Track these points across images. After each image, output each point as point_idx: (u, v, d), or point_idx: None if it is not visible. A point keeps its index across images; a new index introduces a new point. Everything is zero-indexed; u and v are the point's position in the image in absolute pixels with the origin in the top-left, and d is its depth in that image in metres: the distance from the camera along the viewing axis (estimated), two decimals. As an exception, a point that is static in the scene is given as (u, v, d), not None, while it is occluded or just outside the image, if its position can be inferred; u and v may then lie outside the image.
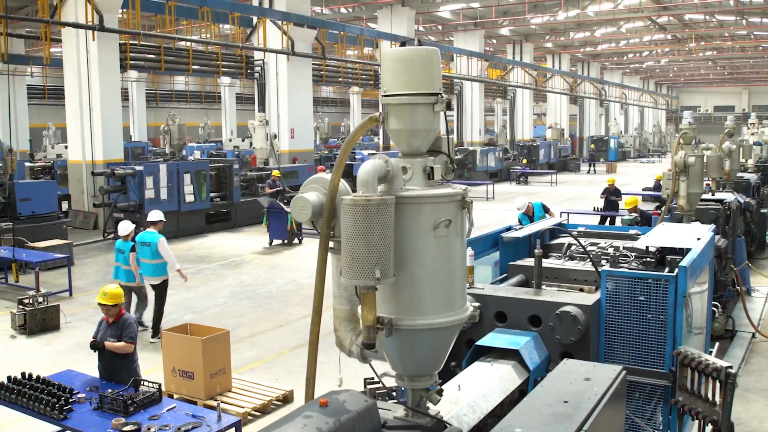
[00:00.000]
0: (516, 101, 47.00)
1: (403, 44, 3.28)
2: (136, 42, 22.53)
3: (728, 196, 12.32)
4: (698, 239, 5.48)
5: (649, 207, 23.74)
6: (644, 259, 5.37)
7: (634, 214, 11.66)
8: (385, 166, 3.02)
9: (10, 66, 30.71)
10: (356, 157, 26.94)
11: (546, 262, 5.57)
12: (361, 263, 2.89)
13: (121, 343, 6.77)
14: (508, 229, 6.24)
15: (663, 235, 5.71)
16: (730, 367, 4.04)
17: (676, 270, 4.56)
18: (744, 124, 76.42)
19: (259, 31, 24.73)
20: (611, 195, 19.03)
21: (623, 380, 3.58)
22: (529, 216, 13.18)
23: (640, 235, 6.40)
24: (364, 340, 3.06)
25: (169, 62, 24.10)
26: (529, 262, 5.61)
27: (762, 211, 17.04)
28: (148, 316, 11.02)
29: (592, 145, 49.10)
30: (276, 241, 18.19)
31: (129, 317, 6.99)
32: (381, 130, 35.35)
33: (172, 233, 19.18)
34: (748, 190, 16.11)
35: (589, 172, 43.87)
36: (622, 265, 5.41)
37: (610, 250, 5.96)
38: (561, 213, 19.01)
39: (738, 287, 11.22)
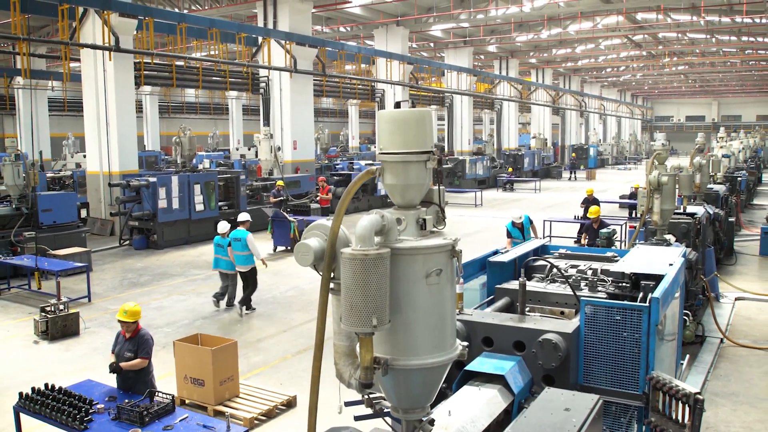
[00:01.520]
0: (502, 113, 47.09)
1: (397, 105, 3.30)
2: (150, 61, 22.56)
3: (699, 210, 12.35)
4: (670, 264, 5.52)
5: (625, 213, 23.89)
6: (620, 284, 5.40)
7: (612, 227, 11.68)
8: (381, 221, 3.05)
9: (32, 80, 30.66)
10: (354, 167, 26.92)
11: (529, 285, 5.61)
12: (359, 312, 2.92)
13: (137, 360, 6.77)
14: (495, 252, 6.27)
15: (637, 260, 5.74)
16: (699, 393, 4.07)
17: (650, 297, 4.61)
18: (714, 133, 77.23)
19: (264, 49, 24.74)
20: (590, 204, 19.02)
21: (600, 409, 3.61)
22: (519, 228, 13.24)
23: (617, 257, 6.44)
24: (362, 380, 3.09)
25: (181, 79, 24.15)
26: (514, 285, 5.63)
27: (730, 219, 17.13)
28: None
29: (573, 154, 49.18)
30: (280, 248, 18.21)
31: (145, 333, 6.95)
32: (378, 134, 35.36)
33: (183, 240, 19.24)
34: (717, 200, 16.18)
35: (570, 179, 43.95)
36: (599, 289, 5.45)
37: (589, 273, 6.00)
38: (544, 221, 19.05)
39: (707, 295, 11.27)
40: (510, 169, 38.60)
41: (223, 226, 12.41)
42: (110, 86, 20.08)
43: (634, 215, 21.62)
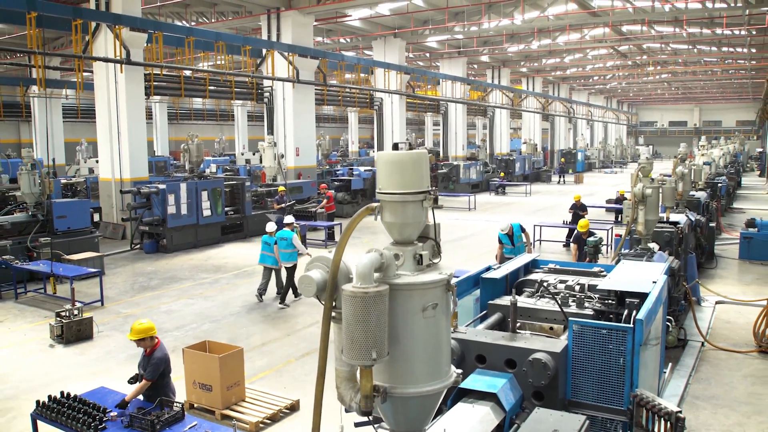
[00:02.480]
0: (495, 119, 47.09)
1: (395, 147, 3.32)
2: (159, 72, 22.54)
3: (681, 218, 12.36)
4: (654, 282, 5.55)
5: (611, 217, 23.89)
6: (606, 301, 5.43)
7: (599, 236, 11.71)
8: (380, 259, 3.08)
9: (47, 90, 30.63)
10: (354, 173, 26.93)
11: (520, 301, 5.62)
12: (360, 346, 2.94)
13: (138, 386, 6.65)
14: (488, 269, 6.29)
15: (622, 277, 5.76)
16: (680, 411, 4.10)
17: (634, 317, 4.65)
18: (695, 137, 77.15)
19: (268, 61, 24.76)
20: (578, 210, 19.10)
21: (587, 430, 3.64)
22: (509, 235, 13.20)
23: (603, 272, 6.46)
24: (363, 408, 3.12)
25: (189, 89, 24.14)
26: (506, 300, 5.65)
27: (711, 225, 17.16)
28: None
29: (562, 159, 49.19)
30: (283, 252, 18.19)
31: (156, 356, 6.73)
32: (376, 140, 35.47)
33: (191, 243, 19.24)
34: (698, 207, 16.20)
35: (559, 182, 43.93)
36: (586, 306, 5.48)
37: (577, 288, 6.02)
38: (534, 226, 19.06)
39: (689, 300, 11.29)
40: (502, 174, 38.61)
41: (270, 226, 13.39)
42: (122, 97, 20.10)
43: (619, 219, 21.65)
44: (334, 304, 3.36)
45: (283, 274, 13.28)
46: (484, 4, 28.18)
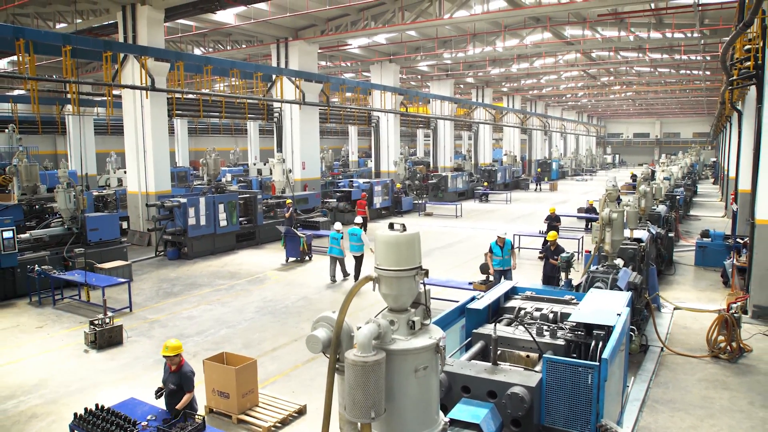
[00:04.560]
0: (479, 133, 47.11)
1: (390, 226, 3.38)
2: (181, 97, 22.53)
3: (643, 235, 12.40)
4: (618, 314, 5.62)
5: (582, 224, 23.97)
6: (576, 332, 5.49)
7: (571, 252, 11.76)
8: (377, 329, 3.14)
9: (80, 108, 30.54)
10: (354, 184, 26.94)
11: (500, 329, 5.69)
12: (360, 406, 3.00)
13: (186, 397, 6.72)
14: (472, 299, 6.34)
15: (590, 308, 5.82)
16: (640, 443, 4.18)
17: (600, 350, 4.71)
18: (656, 146, 76.97)
19: (277, 85, 24.75)
20: (553, 221, 19.18)
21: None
22: (500, 246, 13.16)
23: (574, 300, 6.52)
24: (363, 458, 3.18)
25: (207, 110, 24.15)
26: (489, 329, 5.72)
27: (670, 235, 17.25)
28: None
29: (539, 168, 49.24)
30: (291, 259, 18.24)
31: (187, 370, 6.81)
32: (374, 154, 35.50)
33: (209, 251, 19.26)
34: (659, 220, 16.26)
35: (536, 190, 44.00)
36: (558, 336, 5.54)
37: (551, 317, 6.09)
38: (514, 235, 19.11)
39: (650, 308, 11.36)
40: (485, 183, 38.65)
41: (338, 225, 15.16)
42: (147, 120, 20.09)
43: (589, 227, 21.73)
44: (338, 357, 3.43)
45: (349, 261, 15.07)
46: (470, 34, 28.21)
